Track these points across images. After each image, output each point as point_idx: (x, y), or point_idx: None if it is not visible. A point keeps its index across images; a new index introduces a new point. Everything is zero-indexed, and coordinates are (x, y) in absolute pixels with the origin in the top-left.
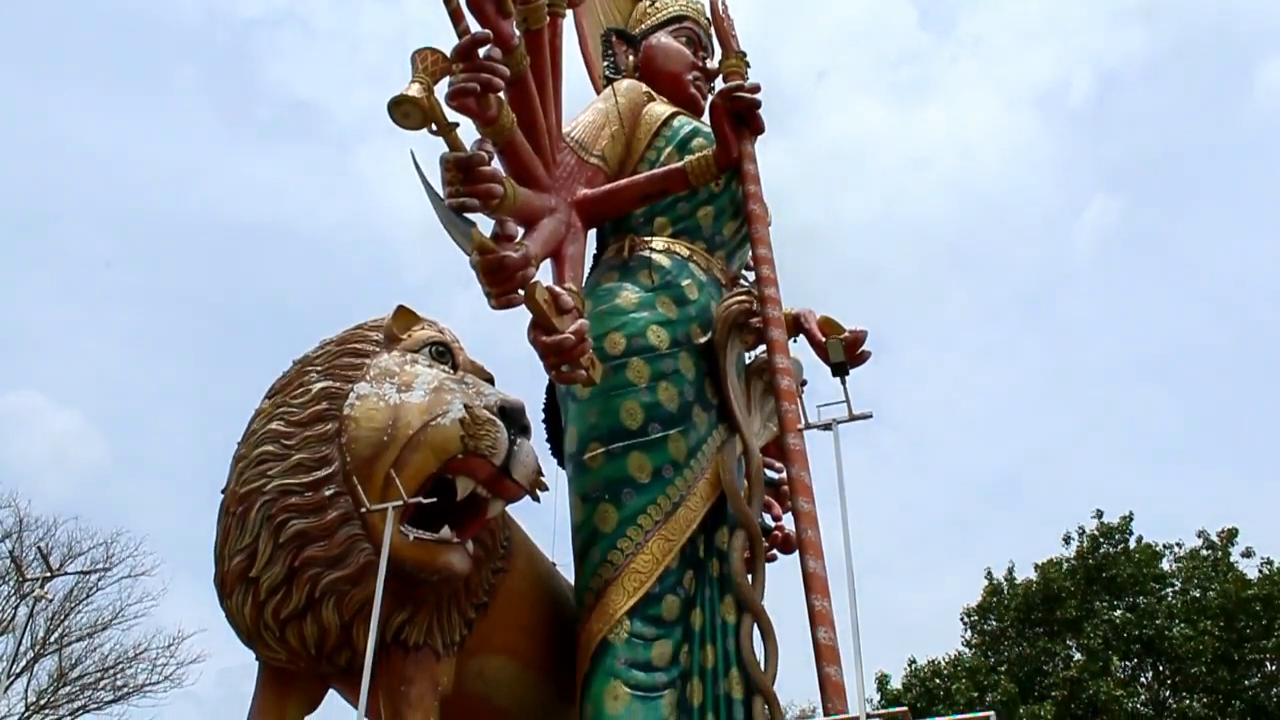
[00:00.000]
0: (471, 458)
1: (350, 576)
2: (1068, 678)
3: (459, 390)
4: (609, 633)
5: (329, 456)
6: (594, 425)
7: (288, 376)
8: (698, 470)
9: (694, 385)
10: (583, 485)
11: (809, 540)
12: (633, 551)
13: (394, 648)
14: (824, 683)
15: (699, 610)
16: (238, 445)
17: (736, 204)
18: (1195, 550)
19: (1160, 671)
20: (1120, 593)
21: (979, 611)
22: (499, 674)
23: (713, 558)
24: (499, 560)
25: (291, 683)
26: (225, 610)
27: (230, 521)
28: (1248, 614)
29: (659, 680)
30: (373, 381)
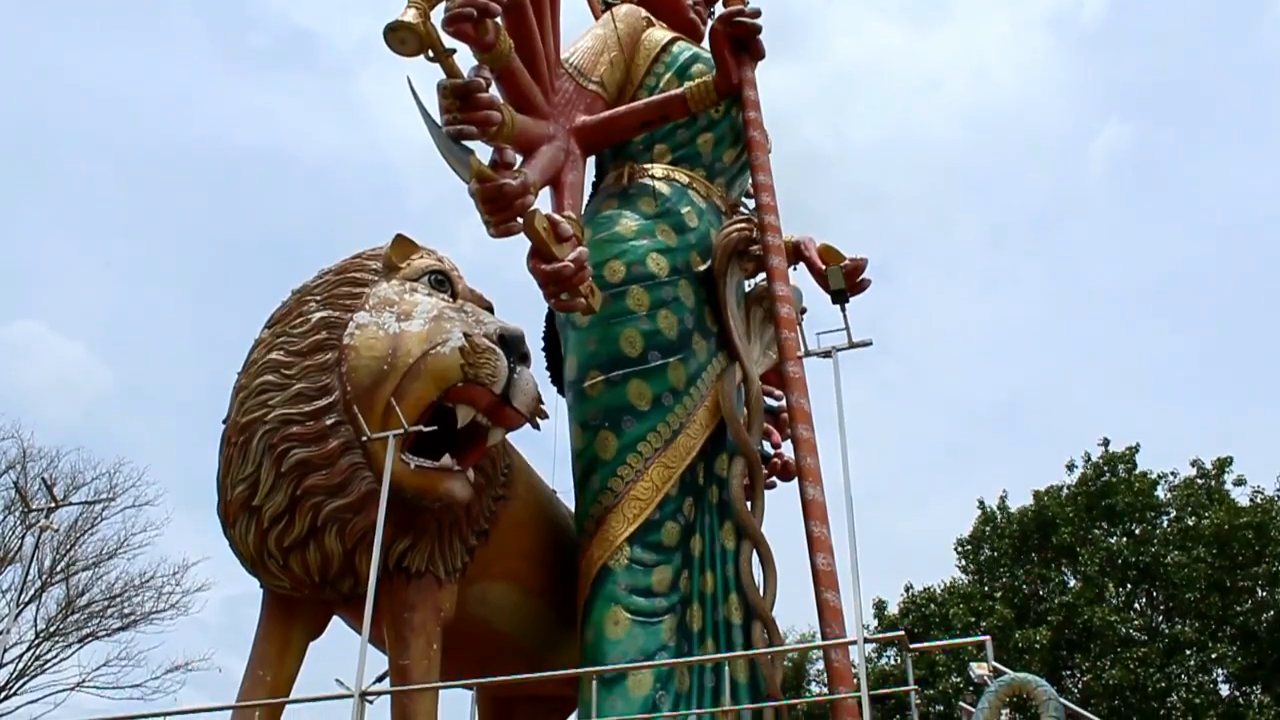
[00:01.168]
0: (471, 386)
1: (352, 505)
2: (1063, 603)
3: (458, 319)
4: (609, 559)
5: (329, 386)
6: (594, 353)
7: (287, 306)
8: (697, 398)
9: (693, 313)
10: (582, 413)
11: (808, 467)
12: (633, 479)
13: (396, 574)
14: (822, 608)
15: (699, 536)
16: (238, 375)
17: (736, 131)
18: (1190, 479)
19: (1154, 597)
20: (1117, 520)
21: (971, 541)
22: (500, 600)
23: (712, 484)
24: (500, 488)
25: (296, 610)
26: (229, 539)
27: (232, 451)
28: (1240, 541)
29: (659, 605)
30: (372, 311)
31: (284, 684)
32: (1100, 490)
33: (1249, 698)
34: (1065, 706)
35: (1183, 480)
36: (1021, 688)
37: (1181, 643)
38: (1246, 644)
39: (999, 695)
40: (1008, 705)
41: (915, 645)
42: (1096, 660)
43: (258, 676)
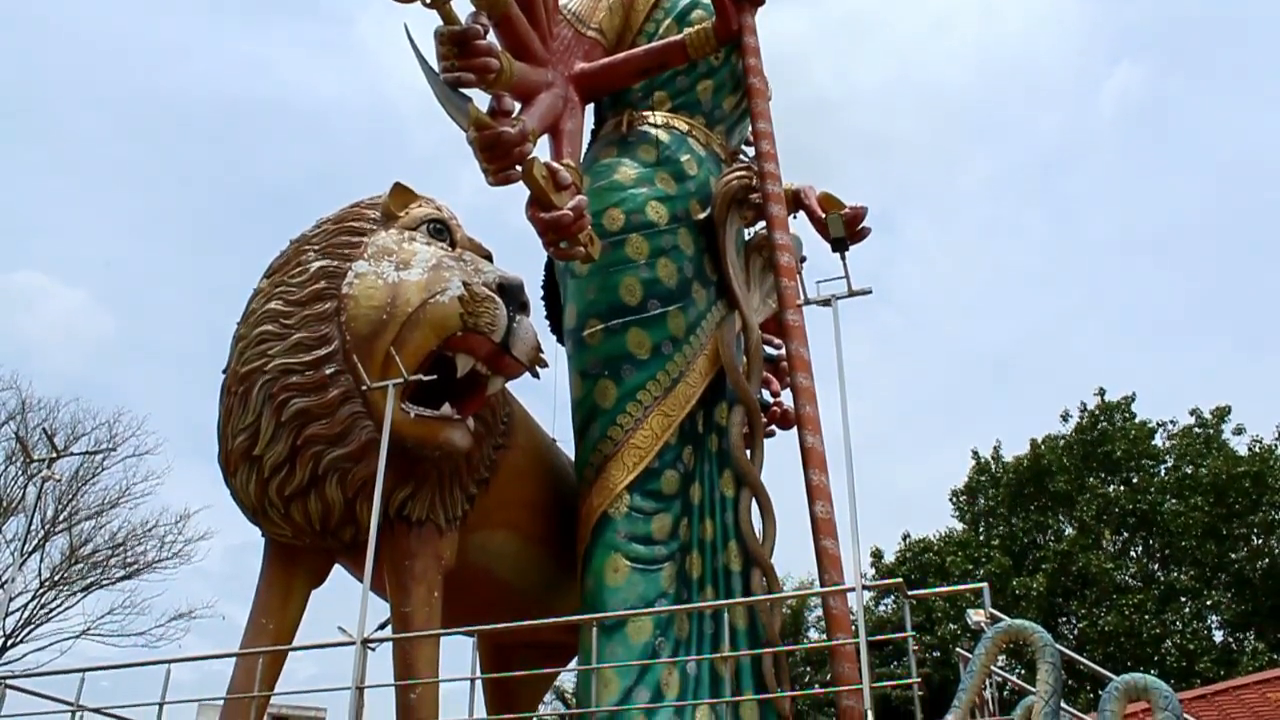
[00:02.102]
0: (471, 335)
1: (352, 454)
2: (1059, 551)
3: (457, 267)
4: (609, 507)
5: (329, 335)
6: (593, 302)
7: (285, 256)
8: (697, 346)
9: (693, 261)
10: (582, 362)
11: (807, 415)
12: (632, 427)
13: (397, 523)
14: (821, 555)
15: (698, 485)
16: (237, 325)
17: (736, 78)
18: (1188, 428)
19: (1150, 545)
20: (1114, 469)
21: (966, 491)
22: (501, 548)
23: (711, 433)
24: (499, 436)
25: (297, 558)
26: (230, 488)
27: (232, 401)
28: (1237, 490)
29: (658, 553)
30: (371, 260)
31: (287, 632)
32: (1097, 439)
33: (1242, 644)
34: (1061, 652)
35: (1180, 429)
36: (1018, 634)
37: (1177, 590)
38: (1241, 591)
39: (995, 641)
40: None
41: (913, 592)
42: (1092, 607)
43: (261, 624)
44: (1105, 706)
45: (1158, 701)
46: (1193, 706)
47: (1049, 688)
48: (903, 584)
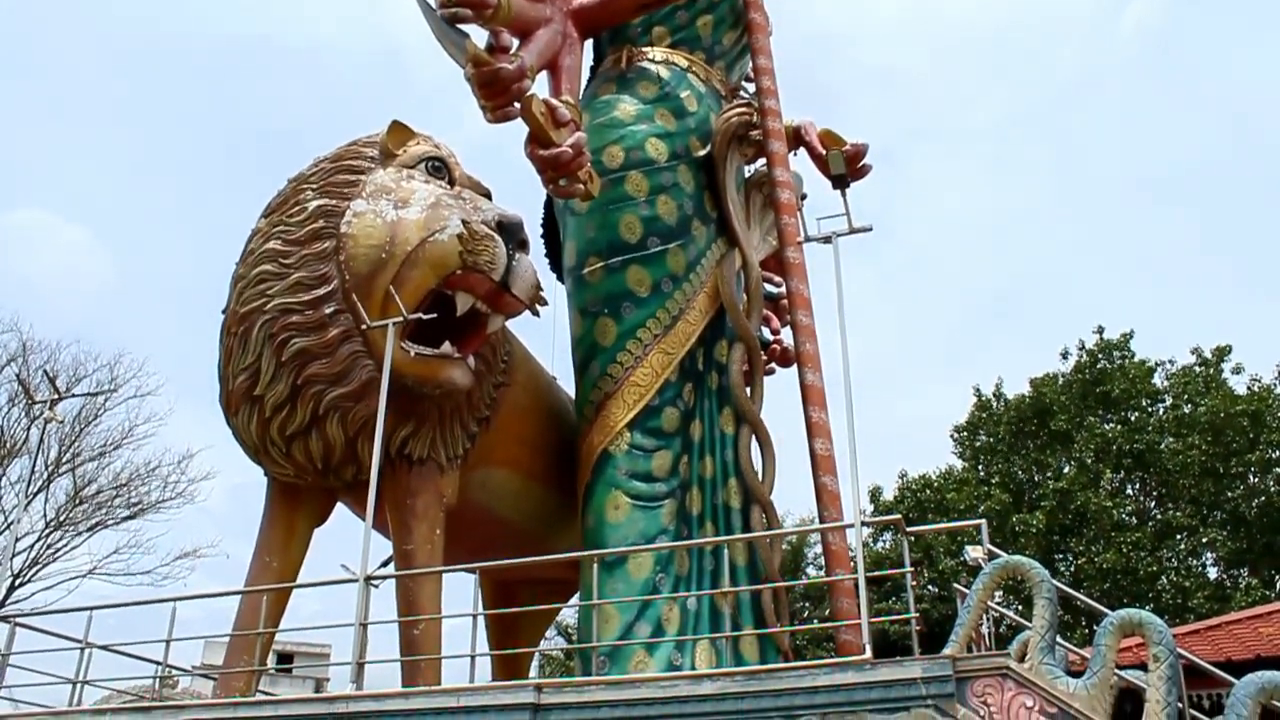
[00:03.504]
0: (470, 273)
1: (353, 393)
2: (1058, 489)
3: (456, 206)
4: (609, 444)
5: (328, 275)
6: (592, 239)
7: (283, 195)
8: (697, 284)
9: (693, 199)
10: (582, 299)
11: (807, 353)
12: (632, 365)
13: (399, 461)
14: (820, 492)
15: (698, 422)
16: (236, 265)
17: (737, 12)
18: (1187, 367)
19: (1147, 483)
20: (1113, 408)
21: (968, 428)
22: (502, 486)
23: (712, 370)
24: (500, 375)
25: (300, 497)
26: (232, 429)
27: (232, 341)
28: (1235, 429)
29: (659, 490)
30: (369, 198)
31: (291, 570)
32: (1096, 377)
33: (1236, 581)
34: (1057, 588)
35: (1179, 368)
36: (1015, 570)
37: (1173, 527)
38: (1236, 529)
39: (993, 577)
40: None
41: (912, 529)
42: (1090, 544)
43: (265, 563)
44: (1101, 641)
45: (1152, 636)
46: (1186, 641)
47: (1045, 623)
48: (901, 520)
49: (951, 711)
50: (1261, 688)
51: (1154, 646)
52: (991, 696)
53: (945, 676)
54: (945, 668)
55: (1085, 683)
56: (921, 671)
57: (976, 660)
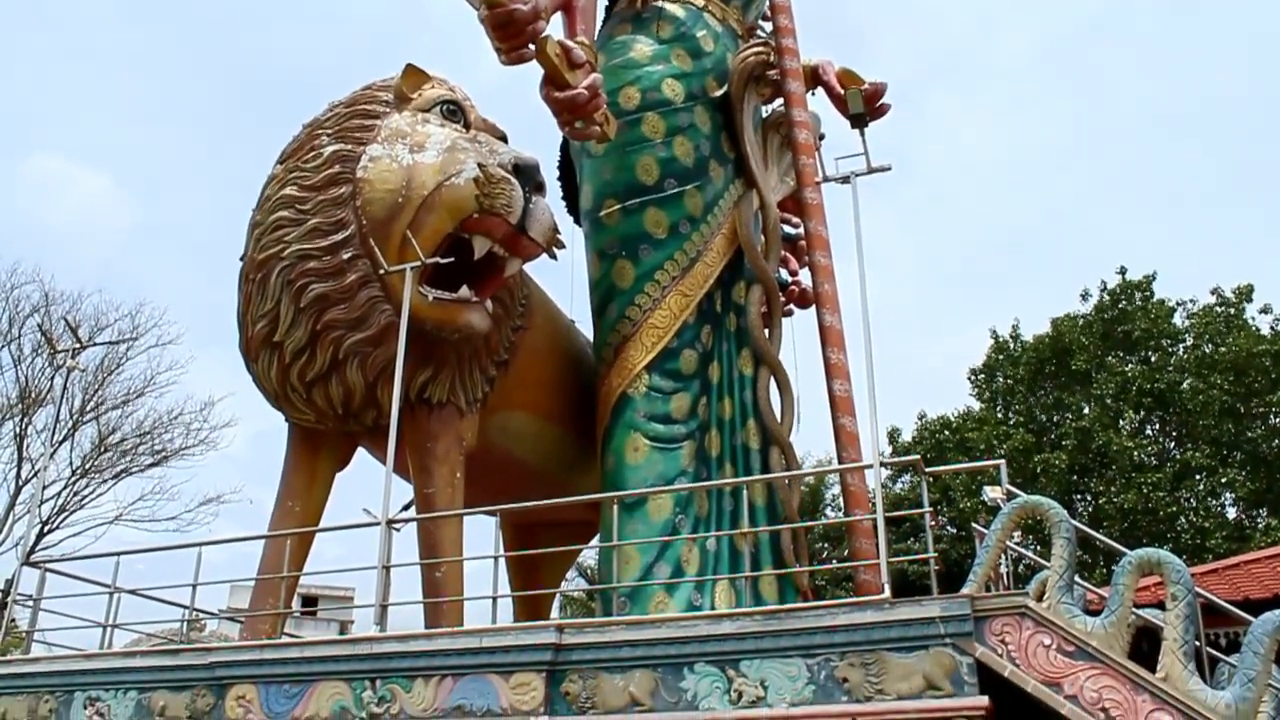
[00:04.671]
0: (487, 216)
1: (372, 338)
2: (1079, 428)
3: (472, 149)
4: (628, 387)
5: (345, 220)
6: (609, 182)
7: (298, 140)
8: (714, 225)
9: (710, 139)
10: (599, 242)
11: (826, 294)
12: (650, 307)
13: (419, 405)
14: (839, 433)
15: (716, 364)
16: (253, 212)
17: None
18: (1209, 307)
19: (1166, 423)
20: (1133, 348)
21: (985, 370)
22: (521, 429)
23: (730, 312)
24: (518, 318)
25: (321, 442)
26: (252, 375)
27: (251, 288)
28: (1257, 369)
29: (677, 432)
30: (385, 143)
31: (313, 514)
32: (1117, 318)
33: (1255, 521)
34: (1076, 528)
35: (1201, 308)
36: (1034, 510)
37: (1192, 468)
38: (1255, 469)
39: (1011, 517)
40: (1020, 527)
41: (931, 469)
42: (1109, 485)
43: (287, 507)
44: (1119, 580)
45: (1170, 575)
46: (1204, 580)
47: (1063, 562)
48: (920, 461)
49: (969, 650)
50: (1279, 625)
51: (1172, 585)
52: (1009, 635)
53: (963, 616)
54: (963, 607)
55: (1103, 621)
56: (940, 611)
57: (995, 599)
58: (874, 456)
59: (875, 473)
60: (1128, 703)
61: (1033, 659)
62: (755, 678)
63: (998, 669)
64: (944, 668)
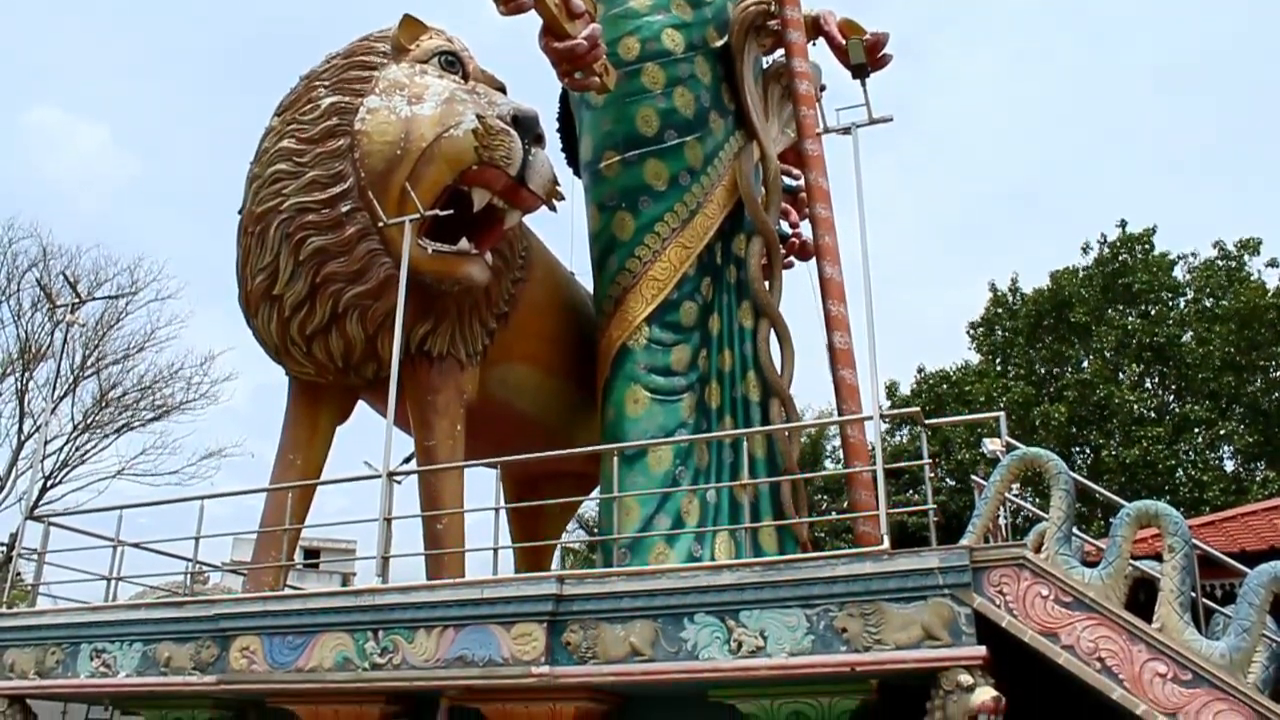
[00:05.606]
0: (486, 168)
1: (372, 291)
2: (1080, 381)
3: (471, 101)
4: (628, 339)
5: (343, 172)
6: (609, 133)
7: (295, 93)
8: (715, 177)
9: (710, 90)
10: (599, 194)
11: (826, 246)
12: (650, 259)
13: (419, 358)
14: (839, 385)
15: (717, 316)
16: (250, 165)
17: None
18: (1210, 260)
19: (1166, 377)
20: (1133, 301)
21: (984, 323)
22: (521, 381)
23: (730, 264)
24: (518, 270)
25: (321, 395)
26: (252, 329)
27: (249, 241)
28: (1261, 322)
29: (678, 384)
30: (382, 95)
31: (314, 467)
32: (1117, 271)
33: (1253, 473)
34: (1075, 480)
35: (1202, 262)
36: (1033, 462)
37: (1191, 421)
38: (1254, 422)
39: (1011, 469)
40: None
41: (930, 421)
42: (1108, 437)
43: (288, 460)
44: (1116, 532)
45: (1167, 527)
46: (1201, 532)
47: (1061, 514)
48: (920, 413)
49: (968, 601)
50: (1274, 576)
51: (1169, 537)
52: (1007, 586)
53: (962, 566)
54: (962, 558)
55: (1100, 572)
56: (939, 562)
57: (993, 551)
58: (874, 408)
59: (875, 424)
60: (1124, 652)
61: (1030, 609)
62: (755, 628)
63: (995, 619)
64: (942, 618)
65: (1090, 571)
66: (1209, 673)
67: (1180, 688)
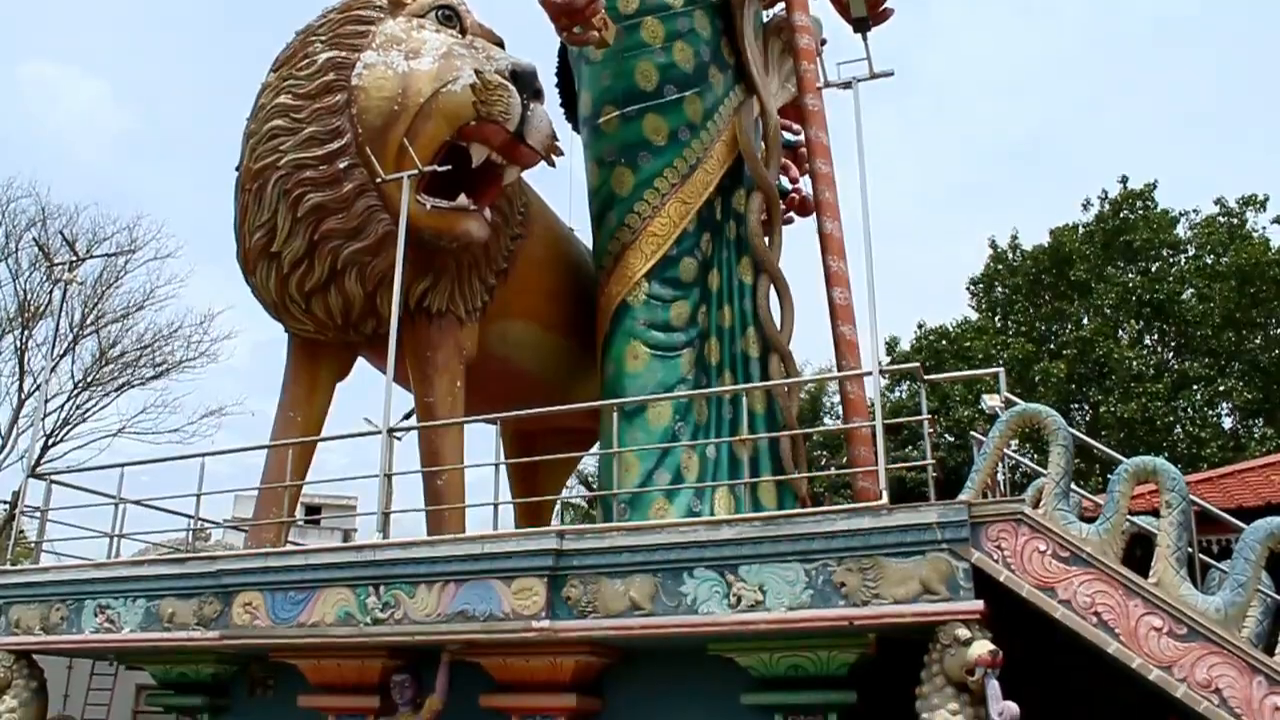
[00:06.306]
0: (484, 124)
1: (370, 247)
2: (1079, 338)
3: (468, 55)
4: (628, 295)
5: (340, 129)
6: (608, 88)
7: (291, 48)
8: (714, 132)
9: (710, 45)
10: (598, 149)
11: (826, 202)
12: (650, 215)
13: (418, 315)
14: (838, 341)
15: (716, 271)
16: (247, 121)
17: None
18: (1211, 217)
19: (1165, 334)
20: (1134, 258)
21: (984, 279)
22: (521, 338)
23: (730, 220)
24: (517, 227)
25: (321, 352)
26: (251, 286)
27: (247, 199)
28: (1262, 279)
29: (677, 340)
30: (379, 49)
31: (314, 424)
32: (1118, 227)
33: (1251, 430)
34: (1074, 437)
35: (1204, 218)
36: (1032, 418)
37: (1190, 378)
38: (1253, 378)
39: (1010, 425)
40: (1017, 436)
41: (929, 376)
42: (1108, 394)
43: (289, 418)
44: (1114, 488)
45: (1165, 483)
46: (1198, 488)
47: (1060, 470)
48: (919, 368)
49: (966, 555)
50: (1270, 533)
51: (1166, 493)
52: (1005, 541)
53: (960, 522)
54: (960, 513)
55: (1098, 528)
56: (937, 516)
57: (992, 506)
58: (873, 364)
59: (874, 380)
60: (1120, 607)
61: (1028, 564)
62: (754, 582)
63: (993, 574)
64: (940, 573)
65: (1088, 527)
66: (1204, 627)
67: (1175, 642)
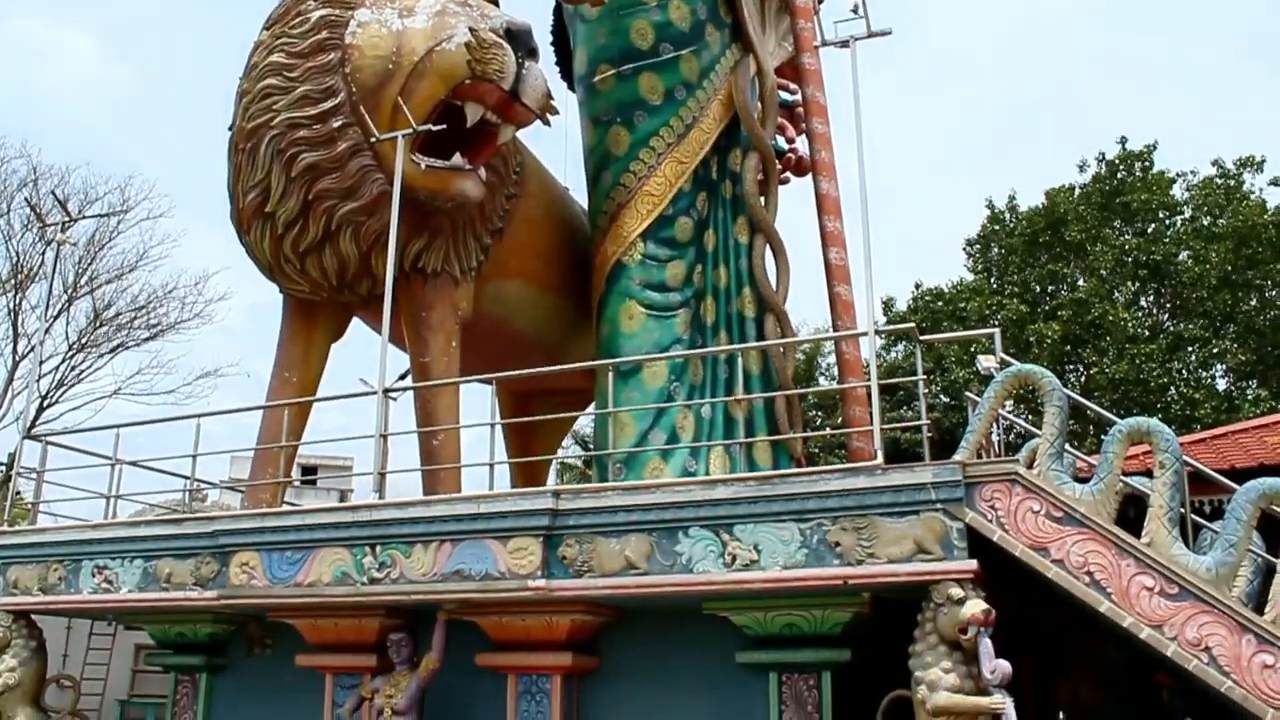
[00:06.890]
0: (479, 82)
1: (365, 207)
2: (1074, 299)
3: (463, 13)
4: (623, 254)
5: (334, 88)
6: (603, 46)
7: (284, 5)
8: (710, 91)
9: (706, 3)
10: (594, 108)
11: (823, 162)
12: (645, 174)
13: (413, 275)
14: (834, 301)
15: (712, 231)
16: (240, 80)
17: None
18: (1209, 179)
19: (1161, 295)
20: (1131, 219)
21: (980, 241)
22: (516, 297)
23: (726, 179)
24: (512, 186)
25: (316, 312)
26: (245, 247)
27: (240, 159)
28: (1258, 240)
29: (673, 300)
30: (373, 7)
31: (310, 384)
32: (1114, 189)
33: (1244, 392)
34: (1069, 398)
35: (1201, 180)
36: (1027, 379)
37: (1185, 339)
38: (1247, 340)
39: (1005, 386)
40: (1012, 396)
41: (925, 337)
42: (1102, 355)
43: (284, 378)
44: (1108, 449)
45: (1159, 444)
46: (1192, 449)
47: (1054, 430)
48: (915, 329)
49: (960, 515)
50: (1262, 493)
51: (1160, 454)
52: (999, 501)
53: (955, 481)
54: (955, 473)
55: (1091, 488)
56: (931, 476)
57: (986, 466)
58: (869, 324)
59: (870, 340)
60: (1112, 566)
61: (1021, 524)
62: (749, 541)
63: (987, 534)
64: (934, 532)
65: (1081, 487)
66: (1195, 586)
67: (1166, 601)
